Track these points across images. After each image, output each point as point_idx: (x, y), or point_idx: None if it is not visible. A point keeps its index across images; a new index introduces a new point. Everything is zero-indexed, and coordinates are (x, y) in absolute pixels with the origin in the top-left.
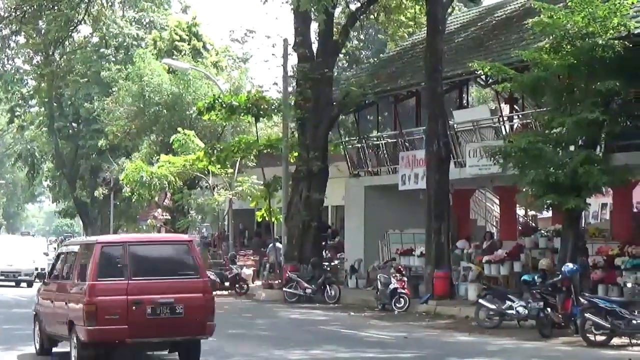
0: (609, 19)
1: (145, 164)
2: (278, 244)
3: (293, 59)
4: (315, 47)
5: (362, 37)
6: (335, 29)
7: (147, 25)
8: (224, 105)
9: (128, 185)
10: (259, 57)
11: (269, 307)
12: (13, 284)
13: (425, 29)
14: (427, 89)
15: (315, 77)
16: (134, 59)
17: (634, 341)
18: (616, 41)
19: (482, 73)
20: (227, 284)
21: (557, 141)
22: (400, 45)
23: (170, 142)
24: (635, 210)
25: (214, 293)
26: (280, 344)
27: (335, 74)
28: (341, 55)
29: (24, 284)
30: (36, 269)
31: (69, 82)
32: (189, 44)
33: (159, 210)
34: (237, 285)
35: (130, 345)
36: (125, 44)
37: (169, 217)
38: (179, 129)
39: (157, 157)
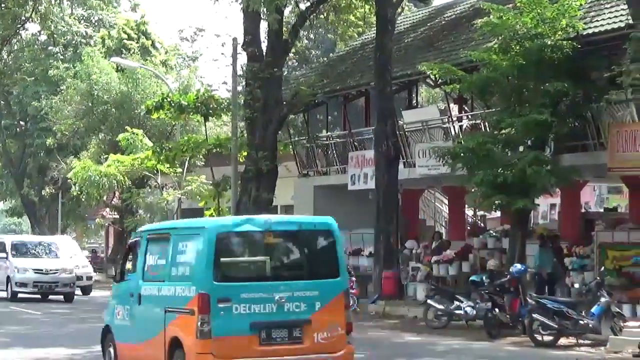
0: (558, 20)
1: (94, 163)
2: None
3: (242, 58)
4: (264, 46)
5: (311, 36)
6: (284, 29)
7: (96, 24)
8: (173, 104)
9: (76, 185)
10: (208, 56)
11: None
12: (40, 296)
13: (375, 28)
14: (377, 88)
15: (264, 77)
16: (82, 57)
17: (580, 341)
18: (565, 42)
19: (431, 74)
20: None
21: (506, 142)
22: (349, 45)
23: (118, 141)
24: (583, 210)
25: None
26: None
27: (285, 73)
28: (291, 55)
29: (55, 296)
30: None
31: (17, 80)
32: (137, 43)
33: (108, 209)
34: None
35: None
36: (73, 42)
37: (118, 216)
38: (128, 128)
39: (106, 156)
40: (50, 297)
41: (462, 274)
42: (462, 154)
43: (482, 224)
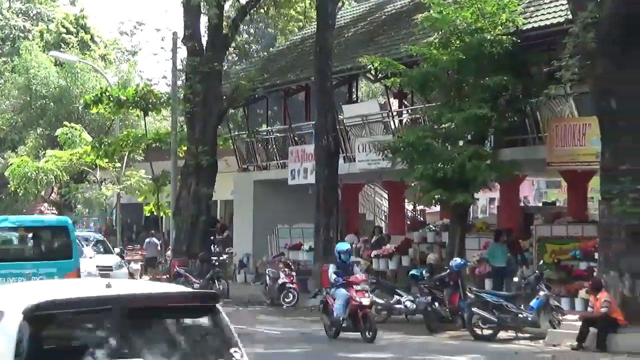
0: (498, 14)
1: (32, 158)
2: (154, 239)
3: (182, 52)
4: (204, 40)
5: (252, 31)
6: (225, 23)
7: (34, 17)
8: (112, 99)
9: (13, 180)
10: (148, 50)
11: None
12: None
13: (316, 23)
14: (317, 83)
15: (204, 71)
16: (20, 51)
17: (520, 335)
18: (504, 37)
19: (372, 68)
20: None
21: (445, 136)
22: (290, 40)
23: (56, 135)
24: (522, 205)
25: None
26: None
27: (225, 67)
28: (231, 49)
29: None
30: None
31: None
32: (76, 37)
33: (46, 204)
34: None
35: None
36: (11, 36)
37: (56, 212)
38: (66, 122)
39: (44, 151)
40: None
41: (402, 268)
42: (402, 149)
43: (421, 218)
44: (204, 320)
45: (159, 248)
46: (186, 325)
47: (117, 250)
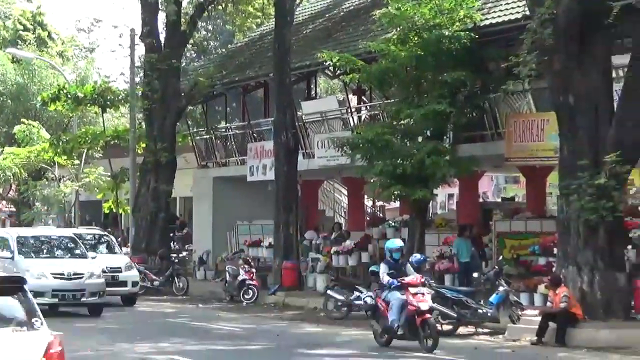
0: (456, 11)
1: None
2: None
3: (140, 49)
4: (162, 37)
5: (210, 27)
6: (183, 20)
7: None
8: (70, 96)
9: None
10: (105, 47)
11: (116, 299)
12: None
13: (274, 20)
14: (276, 80)
15: (162, 68)
16: None
17: (479, 330)
18: (463, 33)
19: (330, 64)
20: None
21: (404, 132)
22: (248, 36)
23: (14, 133)
24: (481, 200)
25: None
26: (127, 337)
27: (183, 64)
28: (189, 46)
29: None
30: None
31: None
32: (33, 34)
33: (4, 202)
34: None
35: None
36: None
37: (14, 209)
38: (24, 119)
39: (2, 148)
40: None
41: (362, 264)
42: (361, 145)
43: (381, 214)
44: (14, 298)
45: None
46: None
47: (124, 250)
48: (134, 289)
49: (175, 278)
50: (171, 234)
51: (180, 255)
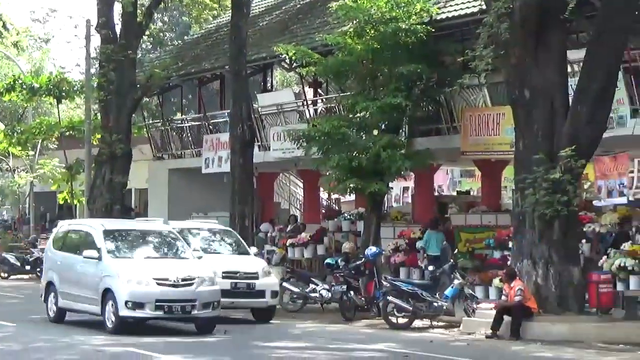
0: (412, 4)
1: None
2: None
3: (96, 40)
4: (118, 28)
5: (166, 19)
6: (139, 11)
7: None
8: (25, 87)
9: None
10: (61, 37)
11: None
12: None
13: (230, 11)
14: (232, 72)
15: (118, 59)
16: None
17: (435, 323)
18: (419, 26)
19: (287, 57)
20: (28, 267)
21: (360, 125)
22: (204, 28)
23: None
24: (436, 194)
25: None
26: (83, 329)
27: (139, 56)
28: (145, 37)
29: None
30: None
31: None
32: None
33: None
34: (38, 269)
35: None
36: None
37: None
38: None
39: None
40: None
41: (317, 257)
42: (316, 138)
43: (336, 207)
44: None
45: None
46: None
47: (253, 249)
48: (273, 301)
49: None
50: None
51: None
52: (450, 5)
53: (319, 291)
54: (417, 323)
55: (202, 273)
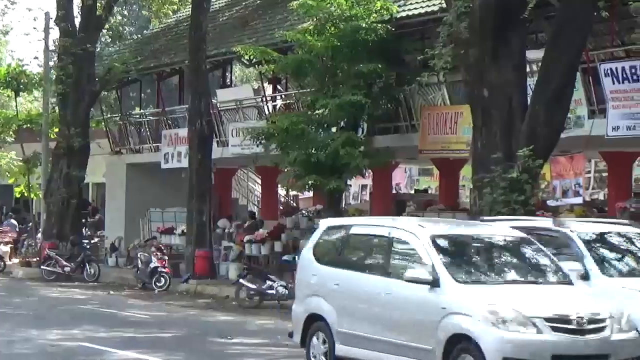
0: (372, 2)
1: None
2: (12, 221)
3: (55, 33)
4: (77, 21)
5: (125, 12)
6: (98, 4)
7: None
8: None
9: None
10: (19, 30)
11: (27, 285)
12: None
13: (190, 6)
14: (191, 67)
15: (77, 52)
16: None
17: None
18: (379, 24)
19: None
20: None
21: (319, 122)
22: (164, 23)
23: None
24: (394, 192)
25: None
26: (38, 323)
27: (98, 49)
28: (104, 31)
29: None
30: None
31: None
32: None
33: None
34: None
35: None
36: None
37: None
38: None
39: None
40: None
41: (275, 253)
42: (275, 134)
43: (294, 204)
44: None
45: (17, 230)
46: None
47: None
48: None
49: (87, 264)
50: (83, 220)
51: (92, 241)
52: (411, 4)
53: (276, 288)
54: None
55: (612, 309)
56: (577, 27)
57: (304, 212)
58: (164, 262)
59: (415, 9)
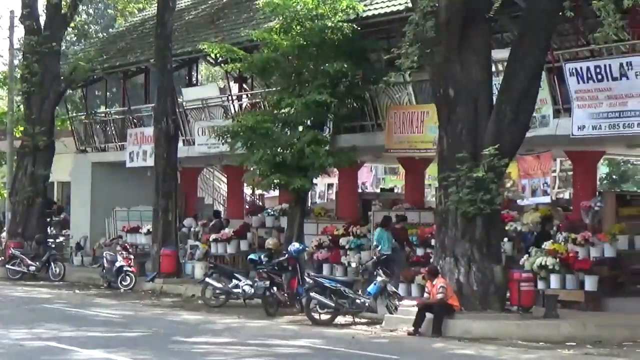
0: (338, 1)
1: None
2: None
3: (20, 31)
4: (43, 20)
5: (91, 11)
6: (64, 2)
7: None
8: None
9: None
10: None
11: None
12: None
13: (156, 5)
14: (157, 65)
15: (42, 51)
16: None
17: (357, 320)
18: (345, 24)
19: (212, 53)
20: None
21: (285, 121)
22: (130, 21)
23: None
24: (360, 191)
25: None
26: (3, 322)
27: (64, 48)
28: (70, 29)
29: None
30: None
31: None
32: None
33: None
34: None
35: None
36: None
37: None
38: None
39: None
40: None
41: (241, 252)
42: (241, 133)
43: (260, 203)
44: None
45: None
46: None
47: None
48: None
49: (52, 263)
50: (48, 219)
51: (57, 240)
52: (377, 3)
53: (242, 287)
54: (340, 319)
55: None
56: (542, 27)
57: (269, 210)
58: (129, 261)
59: (381, 8)
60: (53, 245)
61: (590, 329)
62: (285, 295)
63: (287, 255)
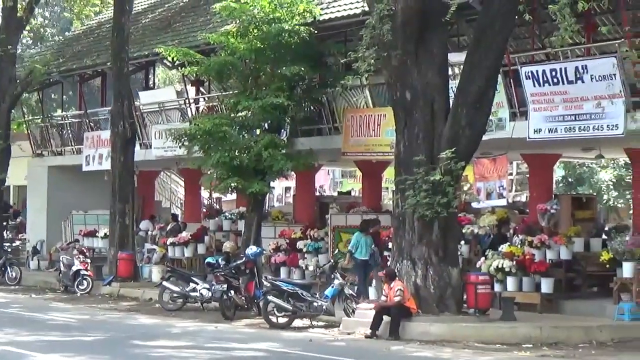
0: (295, 4)
1: None
2: None
3: None
4: None
5: (47, 14)
6: (19, 5)
7: None
8: None
9: None
10: None
11: None
12: None
13: (112, 8)
14: (113, 69)
15: None
16: None
17: (314, 323)
18: (302, 27)
19: (169, 56)
20: None
21: (242, 124)
22: (86, 24)
23: None
24: (317, 194)
25: None
26: None
27: (19, 51)
28: (25, 32)
29: None
30: None
31: None
32: None
33: None
34: None
35: None
36: None
37: None
38: None
39: None
40: None
41: (198, 256)
42: (198, 136)
43: (217, 206)
44: None
45: None
46: None
47: None
48: None
49: (8, 267)
50: (4, 223)
51: (14, 244)
52: (333, 7)
53: (199, 290)
54: (297, 323)
55: None
56: (498, 31)
57: (227, 214)
58: (86, 265)
59: (338, 11)
60: (9, 250)
61: (546, 331)
62: (243, 298)
63: (244, 258)
